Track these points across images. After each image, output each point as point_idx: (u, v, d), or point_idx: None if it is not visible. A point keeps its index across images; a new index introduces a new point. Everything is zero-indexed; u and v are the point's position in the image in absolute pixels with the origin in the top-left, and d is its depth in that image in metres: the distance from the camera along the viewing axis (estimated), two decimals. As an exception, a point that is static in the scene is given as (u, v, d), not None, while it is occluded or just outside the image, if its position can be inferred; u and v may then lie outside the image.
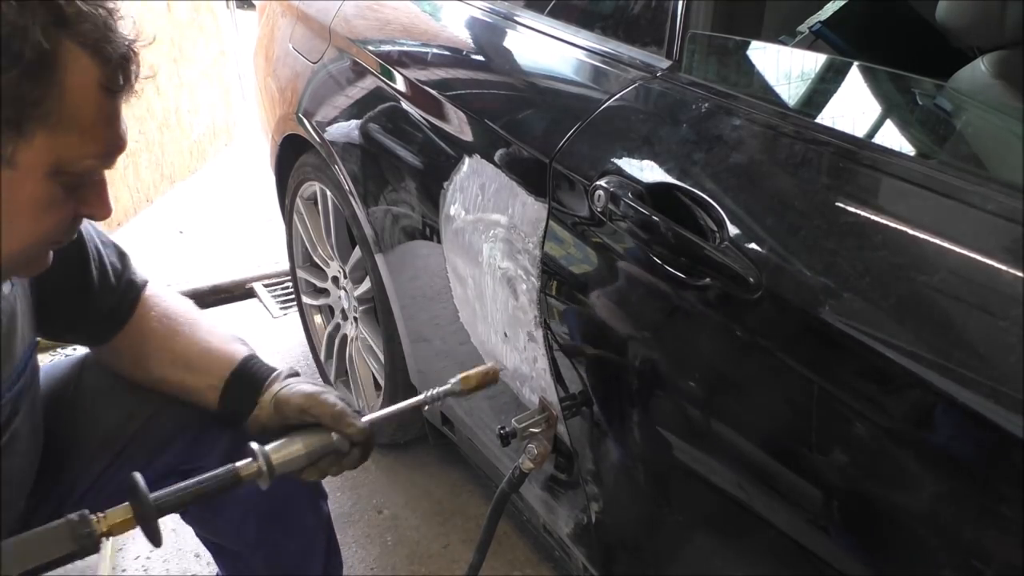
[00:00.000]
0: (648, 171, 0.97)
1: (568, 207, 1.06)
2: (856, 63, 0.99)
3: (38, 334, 0.96)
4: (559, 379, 1.14)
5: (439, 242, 1.37)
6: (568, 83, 1.23)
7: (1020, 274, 0.64)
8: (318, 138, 1.72)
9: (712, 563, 1.00)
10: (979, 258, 0.68)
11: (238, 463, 0.88)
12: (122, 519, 0.81)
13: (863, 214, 0.76)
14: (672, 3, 1.08)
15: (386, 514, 1.83)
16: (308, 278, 2.10)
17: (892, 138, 0.90)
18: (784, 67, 1.08)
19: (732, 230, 0.84)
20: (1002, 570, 0.63)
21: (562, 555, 1.43)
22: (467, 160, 1.27)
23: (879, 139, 0.86)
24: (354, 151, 1.59)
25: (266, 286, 2.72)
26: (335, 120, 1.68)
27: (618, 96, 1.07)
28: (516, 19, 1.39)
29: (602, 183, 0.98)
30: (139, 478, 0.82)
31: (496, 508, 1.21)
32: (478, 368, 1.09)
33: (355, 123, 1.59)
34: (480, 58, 1.45)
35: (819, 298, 0.74)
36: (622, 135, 1.04)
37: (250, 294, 2.70)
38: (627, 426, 1.04)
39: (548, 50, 1.29)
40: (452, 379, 1.07)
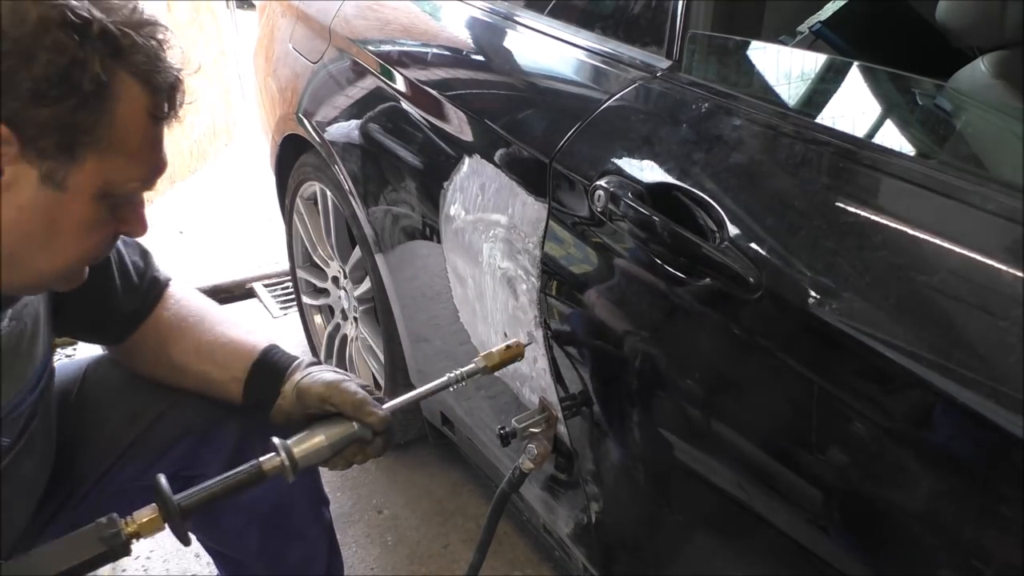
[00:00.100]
0: (648, 171, 0.97)
1: (568, 207, 1.06)
2: (856, 63, 0.99)
3: (57, 334, 0.96)
4: (559, 379, 1.14)
5: (439, 242, 1.37)
6: (568, 83, 1.23)
7: (1020, 274, 0.64)
8: (318, 138, 1.72)
9: (712, 563, 1.00)
10: (979, 258, 0.68)
11: (261, 458, 0.87)
12: (149, 519, 0.80)
13: (863, 214, 0.76)
14: (672, 3, 1.08)
15: (386, 514, 1.82)
16: (308, 278, 2.10)
17: (892, 138, 0.90)
18: (784, 67, 1.08)
19: (732, 230, 0.84)
20: (1002, 570, 0.63)
21: (562, 555, 1.43)
22: (467, 160, 1.27)
23: (879, 139, 0.86)
24: (354, 151, 1.59)
25: (266, 286, 2.72)
26: (335, 120, 1.68)
27: (618, 96, 1.07)
28: (516, 19, 1.39)
29: (602, 183, 0.98)
30: (162, 479, 0.82)
31: (496, 508, 1.21)
32: (500, 345, 1.06)
33: (355, 123, 1.59)
34: (480, 58, 1.45)
35: (819, 298, 0.74)
36: (622, 135, 1.04)
37: (250, 294, 2.70)
38: (627, 426, 1.04)
39: (548, 50, 1.29)
40: (475, 359, 1.05)
